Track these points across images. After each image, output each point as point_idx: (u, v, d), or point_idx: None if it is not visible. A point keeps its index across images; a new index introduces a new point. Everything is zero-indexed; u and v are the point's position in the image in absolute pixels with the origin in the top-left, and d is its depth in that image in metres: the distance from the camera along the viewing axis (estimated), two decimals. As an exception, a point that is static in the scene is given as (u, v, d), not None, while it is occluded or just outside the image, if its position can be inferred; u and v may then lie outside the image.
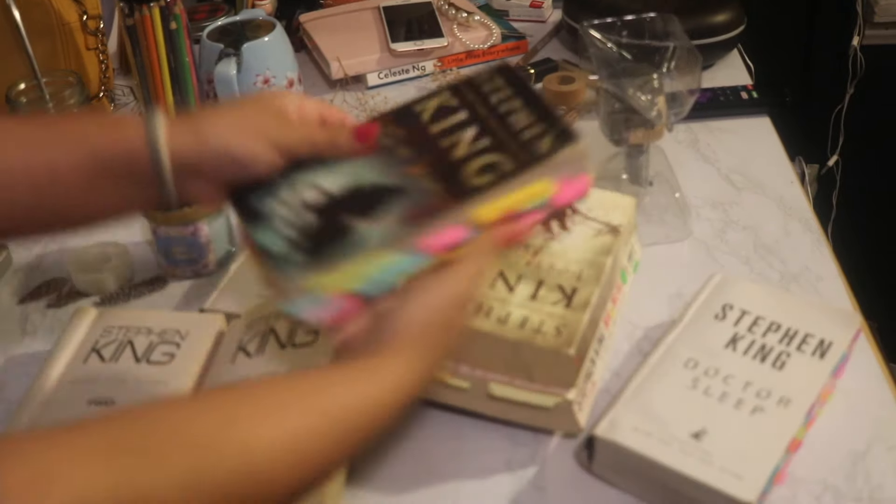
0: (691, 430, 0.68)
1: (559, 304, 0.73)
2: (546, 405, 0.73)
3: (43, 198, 0.63)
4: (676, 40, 0.89)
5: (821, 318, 0.78)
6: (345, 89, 1.27)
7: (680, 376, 0.73)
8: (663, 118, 0.88)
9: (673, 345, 0.77)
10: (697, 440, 0.68)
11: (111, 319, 0.85)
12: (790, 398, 0.71)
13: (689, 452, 0.67)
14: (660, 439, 0.68)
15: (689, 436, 0.68)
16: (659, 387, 0.73)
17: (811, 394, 0.72)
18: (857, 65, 1.75)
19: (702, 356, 0.75)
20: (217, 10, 1.38)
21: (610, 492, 0.71)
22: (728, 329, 0.77)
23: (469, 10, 1.33)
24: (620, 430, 0.69)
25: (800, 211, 0.99)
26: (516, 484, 0.72)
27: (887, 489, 0.70)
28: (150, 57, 1.10)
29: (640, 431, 0.69)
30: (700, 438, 0.68)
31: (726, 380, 0.73)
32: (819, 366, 0.74)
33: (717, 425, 0.69)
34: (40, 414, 0.77)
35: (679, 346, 0.76)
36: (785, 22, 1.84)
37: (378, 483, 0.72)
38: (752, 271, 0.91)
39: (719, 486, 0.65)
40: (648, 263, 0.93)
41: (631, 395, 0.72)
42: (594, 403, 0.76)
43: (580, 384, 0.73)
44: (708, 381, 0.73)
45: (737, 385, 0.72)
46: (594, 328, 0.75)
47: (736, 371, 0.73)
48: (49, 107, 1.00)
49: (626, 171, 0.95)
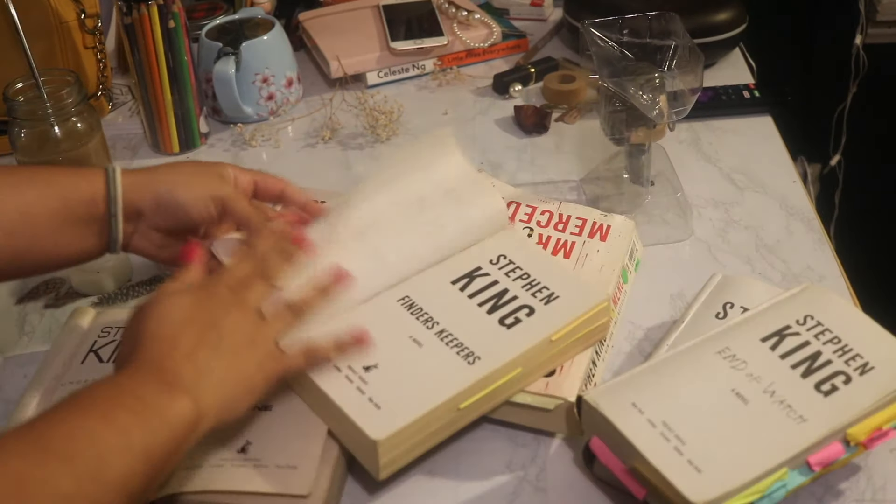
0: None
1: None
2: (547, 407, 0.72)
3: (16, 240, 0.70)
4: (678, 39, 0.89)
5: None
6: (344, 88, 1.27)
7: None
8: (665, 117, 0.88)
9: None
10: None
11: (109, 320, 0.85)
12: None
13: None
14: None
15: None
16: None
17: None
18: (859, 64, 1.75)
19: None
20: (216, 9, 1.37)
21: (610, 493, 0.70)
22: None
23: (469, 9, 1.33)
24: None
25: (802, 210, 0.99)
26: (517, 485, 0.72)
27: (889, 491, 0.70)
28: (148, 56, 1.10)
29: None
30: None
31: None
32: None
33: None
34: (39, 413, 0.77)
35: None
36: (787, 20, 1.83)
37: (377, 483, 0.72)
38: (754, 271, 0.91)
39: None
40: (649, 263, 0.92)
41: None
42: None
43: (581, 386, 0.73)
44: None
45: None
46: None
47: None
48: (47, 106, 1.00)
49: (628, 171, 0.95)
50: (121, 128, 1.21)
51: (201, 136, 1.17)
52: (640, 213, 0.95)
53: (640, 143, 0.92)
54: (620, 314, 0.85)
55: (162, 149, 1.16)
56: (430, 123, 1.18)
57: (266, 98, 1.20)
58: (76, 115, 1.01)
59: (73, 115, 1.01)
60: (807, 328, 0.72)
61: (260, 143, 1.17)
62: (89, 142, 1.02)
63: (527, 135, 1.15)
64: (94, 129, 1.03)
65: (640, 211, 0.95)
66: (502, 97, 1.24)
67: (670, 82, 0.87)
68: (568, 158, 1.10)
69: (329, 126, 1.18)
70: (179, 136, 1.15)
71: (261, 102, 1.20)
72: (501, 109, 1.20)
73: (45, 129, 1.00)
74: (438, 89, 1.27)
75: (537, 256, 0.81)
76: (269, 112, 1.21)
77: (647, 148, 0.92)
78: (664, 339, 0.80)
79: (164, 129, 1.14)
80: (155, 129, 1.15)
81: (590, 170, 1.05)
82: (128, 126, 1.22)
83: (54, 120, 1.00)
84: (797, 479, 0.65)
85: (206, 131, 1.18)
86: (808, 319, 0.73)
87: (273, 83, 1.20)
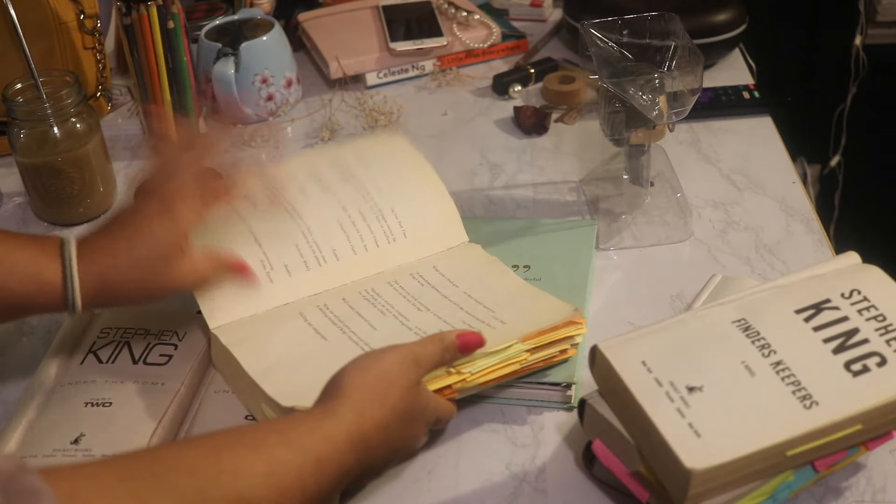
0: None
1: None
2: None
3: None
4: (678, 39, 0.89)
5: None
6: (343, 89, 1.26)
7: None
8: (664, 118, 0.88)
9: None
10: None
11: (108, 321, 0.85)
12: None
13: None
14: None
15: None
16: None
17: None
18: (859, 64, 1.75)
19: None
20: (215, 10, 1.37)
21: (610, 494, 0.70)
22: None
23: (469, 10, 1.33)
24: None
25: (801, 211, 0.99)
26: (516, 486, 0.72)
27: (889, 491, 0.69)
28: (147, 56, 1.09)
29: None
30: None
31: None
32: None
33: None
34: (38, 416, 0.77)
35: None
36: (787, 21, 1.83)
37: (377, 484, 0.72)
38: (754, 272, 0.91)
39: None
40: (650, 264, 0.92)
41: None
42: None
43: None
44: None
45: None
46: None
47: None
48: (46, 106, 1.00)
49: (627, 172, 0.95)
50: (120, 128, 1.21)
51: (201, 137, 1.17)
52: (640, 214, 0.95)
53: (640, 144, 0.91)
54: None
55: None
56: (430, 124, 1.18)
57: (265, 99, 1.20)
58: (75, 116, 1.01)
59: (72, 116, 1.01)
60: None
61: (259, 143, 1.17)
62: (88, 142, 1.02)
63: (526, 135, 1.15)
64: (94, 130, 1.03)
65: (640, 212, 0.95)
66: (502, 98, 1.23)
67: (670, 83, 0.87)
68: (568, 159, 1.10)
69: (328, 127, 1.18)
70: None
71: (260, 103, 1.20)
72: (501, 110, 1.20)
73: (44, 129, 1.00)
74: (438, 90, 1.27)
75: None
76: (268, 113, 1.21)
77: (647, 149, 0.92)
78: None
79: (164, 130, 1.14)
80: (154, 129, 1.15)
81: (589, 170, 1.05)
82: (127, 126, 1.22)
83: (53, 120, 1.00)
84: (801, 481, 0.65)
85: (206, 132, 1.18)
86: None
87: (272, 84, 1.20)
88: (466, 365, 0.72)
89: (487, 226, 0.95)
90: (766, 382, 0.64)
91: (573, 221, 0.97)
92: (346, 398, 0.65)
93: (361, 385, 0.66)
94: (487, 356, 0.73)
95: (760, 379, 0.64)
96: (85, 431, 0.74)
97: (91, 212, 1.05)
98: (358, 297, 0.83)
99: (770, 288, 0.71)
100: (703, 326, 0.69)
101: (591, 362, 0.68)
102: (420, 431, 0.70)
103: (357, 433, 0.63)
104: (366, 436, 0.64)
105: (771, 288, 0.71)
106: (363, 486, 0.71)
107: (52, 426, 0.75)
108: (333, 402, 0.65)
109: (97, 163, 1.04)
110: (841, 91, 1.80)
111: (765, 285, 0.72)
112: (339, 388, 0.66)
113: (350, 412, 0.64)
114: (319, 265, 0.84)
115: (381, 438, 0.65)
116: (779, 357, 0.65)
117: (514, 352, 0.74)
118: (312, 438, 0.62)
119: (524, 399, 0.78)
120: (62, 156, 1.01)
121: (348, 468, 0.63)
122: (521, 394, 0.78)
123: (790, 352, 0.66)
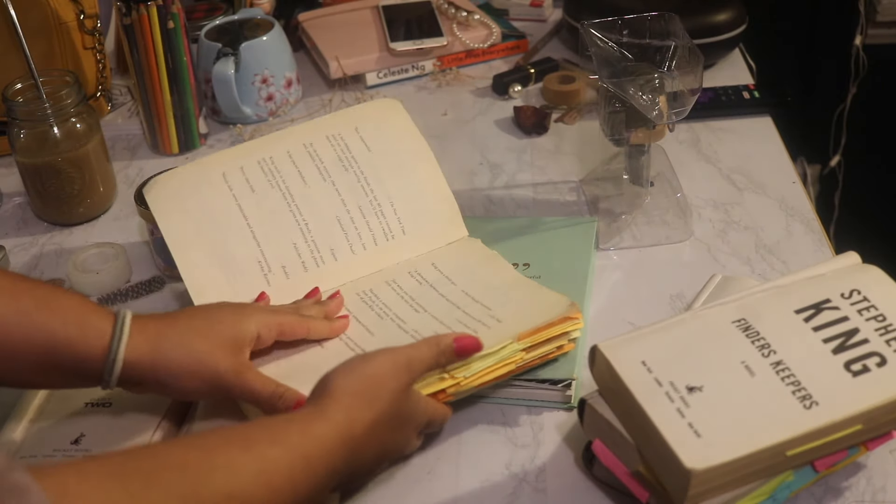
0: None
1: None
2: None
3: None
4: (678, 39, 0.89)
5: None
6: (344, 89, 1.26)
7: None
8: (664, 118, 0.88)
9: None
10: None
11: (108, 320, 0.85)
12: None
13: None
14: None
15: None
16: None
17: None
18: (859, 64, 1.75)
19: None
20: (215, 9, 1.37)
21: (610, 494, 0.70)
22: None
23: (469, 10, 1.33)
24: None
25: (801, 211, 0.99)
26: (516, 486, 0.72)
27: (889, 491, 0.69)
28: (147, 56, 1.09)
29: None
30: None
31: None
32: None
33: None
34: (38, 416, 0.77)
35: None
36: (787, 21, 1.83)
37: (377, 484, 0.72)
38: (754, 272, 0.91)
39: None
40: (650, 264, 0.92)
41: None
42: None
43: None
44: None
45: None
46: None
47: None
48: (46, 106, 1.00)
49: (627, 172, 0.94)
50: (120, 128, 1.21)
51: (200, 137, 1.17)
52: (640, 214, 0.95)
53: (640, 144, 0.91)
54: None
55: (161, 149, 1.16)
56: (430, 124, 1.18)
57: (265, 99, 1.20)
58: (75, 116, 1.01)
59: (72, 116, 1.01)
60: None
61: (259, 143, 1.17)
62: (88, 142, 1.02)
63: (526, 135, 1.15)
64: (94, 130, 1.03)
65: (640, 211, 0.95)
66: (502, 98, 1.23)
67: (670, 83, 0.87)
68: (568, 159, 1.10)
69: (328, 127, 1.18)
70: (178, 136, 1.15)
71: (260, 103, 1.20)
72: (501, 110, 1.20)
73: (44, 129, 1.01)
74: (438, 90, 1.27)
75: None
76: (268, 113, 1.21)
77: (647, 149, 0.92)
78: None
79: (164, 130, 1.14)
80: (154, 129, 1.15)
81: (589, 170, 1.05)
82: (127, 127, 1.21)
83: (53, 120, 1.00)
84: (801, 481, 0.65)
85: (206, 132, 1.18)
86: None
87: (272, 84, 1.20)
88: (461, 369, 0.72)
89: (487, 224, 0.95)
90: (766, 382, 0.64)
91: (573, 219, 0.97)
92: (334, 400, 0.65)
93: (350, 387, 0.66)
94: (483, 358, 0.73)
95: (760, 379, 0.64)
96: (85, 431, 0.75)
97: (91, 212, 1.05)
98: (356, 299, 0.83)
99: (770, 288, 0.71)
100: (703, 326, 0.69)
101: (591, 362, 0.68)
102: (411, 435, 0.70)
103: (347, 434, 0.63)
104: (355, 438, 0.64)
105: (771, 288, 0.71)
106: (360, 486, 0.71)
107: (52, 426, 0.75)
108: (322, 404, 0.65)
109: (97, 163, 1.04)
110: (841, 91, 1.80)
111: (765, 285, 0.72)
112: (328, 389, 0.66)
113: (339, 413, 0.64)
114: (318, 266, 0.84)
115: (370, 441, 0.66)
116: (779, 357, 0.66)
117: (510, 352, 0.74)
118: (302, 438, 0.62)
119: (524, 399, 0.78)
120: (62, 156, 1.01)
121: (336, 469, 0.63)
122: (520, 394, 0.78)
123: (790, 352, 0.66)
